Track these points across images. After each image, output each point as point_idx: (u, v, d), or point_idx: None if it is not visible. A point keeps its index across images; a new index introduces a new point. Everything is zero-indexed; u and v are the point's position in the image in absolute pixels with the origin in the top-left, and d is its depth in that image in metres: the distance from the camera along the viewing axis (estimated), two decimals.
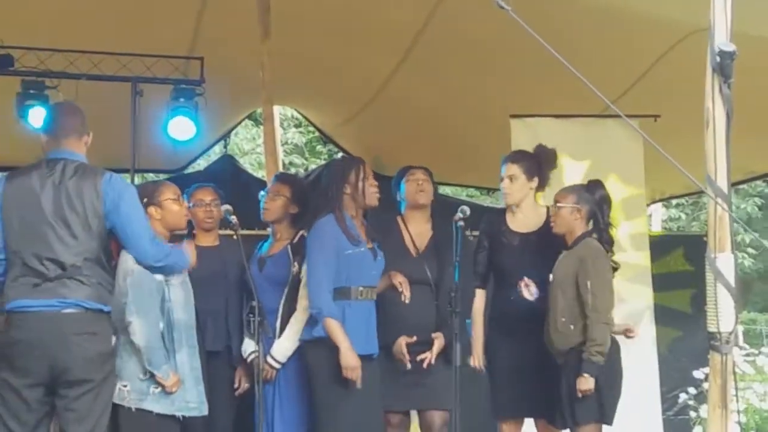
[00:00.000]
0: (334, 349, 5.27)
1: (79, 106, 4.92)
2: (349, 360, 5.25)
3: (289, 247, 5.76)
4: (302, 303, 5.58)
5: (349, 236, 5.43)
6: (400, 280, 5.57)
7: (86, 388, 4.58)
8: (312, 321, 5.42)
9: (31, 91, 7.94)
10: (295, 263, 5.67)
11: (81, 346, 4.55)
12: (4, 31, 7.72)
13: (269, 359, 5.57)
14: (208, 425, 5.52)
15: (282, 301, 5.68)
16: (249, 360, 5.70)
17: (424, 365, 5.59)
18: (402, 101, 8.75)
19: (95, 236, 4.64)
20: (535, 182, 5.84)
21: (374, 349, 5.47)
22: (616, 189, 6.98)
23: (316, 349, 5.37)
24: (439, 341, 5.61)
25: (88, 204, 4.63)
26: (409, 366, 5.55)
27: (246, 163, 14.99)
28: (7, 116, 8.19)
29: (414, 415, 5.94)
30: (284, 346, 5.61)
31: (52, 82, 7.93)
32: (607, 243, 5.61)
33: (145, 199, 5.29)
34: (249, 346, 5.70)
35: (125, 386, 5.06)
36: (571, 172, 7.12)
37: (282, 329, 5.65)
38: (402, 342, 5.58)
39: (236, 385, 5.83)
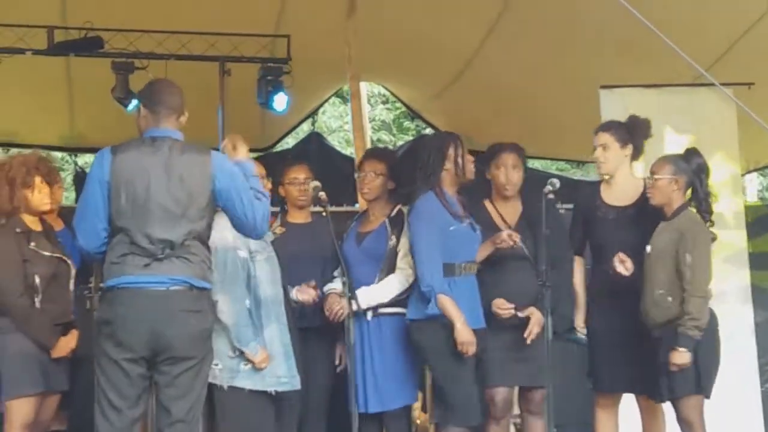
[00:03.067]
0: (446, 326, 5.29)
1: (178, 85, 4.85)
2: (465, 335, 5.27)
3: (387, 221, 5.74)
4: (399, 269, 5.58)
5: (451, 212, 5.43)
6: (503, 237, 5.48)
7: (188, 365, 4.56)
8: (421, 300, 5.39)
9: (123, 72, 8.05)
10: (393, 236, 5.66)
11: (187, 323, 4.53)
12: (93, 14, 7.84)
13: (352, 300, 5.50)
14: (304, 400, 5.55)
15: (378, 275, 5.66)
16: (326, 293, 5.68)
17: (528, 341, 5.52)
18: (489, 75, 8.69)
19: (203, 215, 4.60)
20: (629, 149, 5.73)
21: (480, 323, 5.45)
22: (723, 166, 6.86)
23: (428, 327, 5.37)
24: (534, 317, 5.55)
25: (197, 183, 4.58)
26: (511, 313, 5.48)
27: (334, 141, 15.00)
28: (101, 97, 8.33)
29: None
30: (370, 295, 5.58)
31: (141, 63, 8.03)
32: (706, 212, 5.50)
33: None
34: (331, 285, 5.70)
35: (216, 365, 5.09)
36: (670, 145, 6.99)
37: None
38: (500, 302, 5.51)
39: (337, 362, 5.85)
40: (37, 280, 5.36)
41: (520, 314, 5.53)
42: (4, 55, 7.88)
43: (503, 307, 5.52)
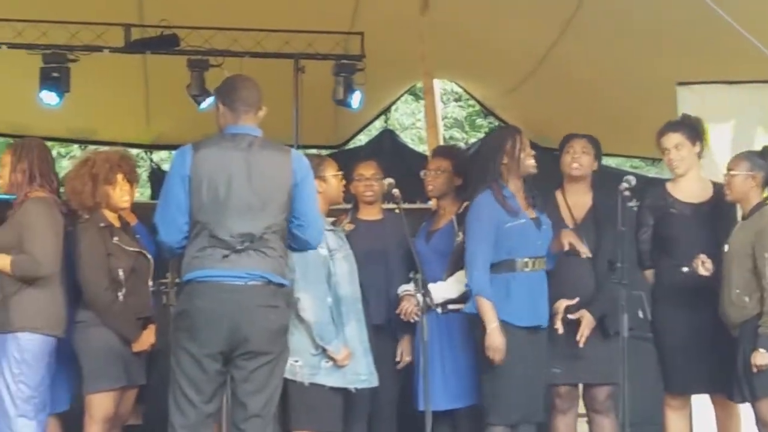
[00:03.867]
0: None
1: (254, 80, 4.88)
2: (494, 340, 5.23)
3: (454, 218, 5.74)
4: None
5: (508, 209, 5.38)
6: (569, 239, 5.46)
7: (265, 361, 4.58)
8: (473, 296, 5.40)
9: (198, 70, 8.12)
10: (460, 233, 5.64)
11: (265, 319, 4.55)
12: (169, 12, 7.92)
13: (425, 297, 5.47)
14: (375, 397, 5.56)
15: (446, 272, 5.65)
16: (400, 295, 5.69)
17: (580, 344, 5.49)
18: (564, 71, 8.62)
19: (282, 210, 4.63)
20: (698, 147, 5.69)
21: (541, 321, 5.41)
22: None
23: (477, 323, 5.34)
24: (585, 320, 5.50)
25: (277, 179, 4.62)
26: (560, 330, 5.46)
27: (406, 138, 15.00)
28: (176, 95, 8.41)
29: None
30: (442, 289, 5.58)
31: (216, 60, 8.10)
32: None
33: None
34: (405, 286, 5.69)
35: (297, 361, 5.12)
36: (750, 142, 6.87)
37: (445, 299, 5.63)
38: (560, 305, 5.47)
39: (398, 359, 5.84)
40: (121, 274, 5.43)
41: (570, 317, 5.50)
42: (82, 53, 8.00)
43: (558, 310, 5.49)
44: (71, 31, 7.91)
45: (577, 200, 5.76)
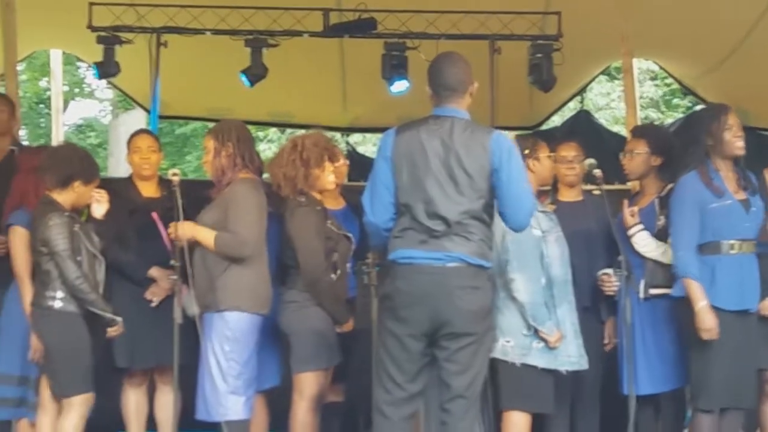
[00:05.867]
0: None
1: (460, 56, 4.81)
2: (705, 321, 5.13)
3: (656, 200, 5.65)
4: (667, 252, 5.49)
5: (713, 190, 5.27)
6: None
7: (468, 341, 4.58)
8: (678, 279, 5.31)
9: (395, 53, 8.18)
10: (662, 217, 5.55)
11: (464, 300, 4.55)
12: None
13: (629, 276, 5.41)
14: (577, 379, 5.53)
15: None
16: (600, 276, 5.65)
17: None
18: None
19: (481, 194, 4.60)
20: None
21: (749, 305, 5.29)
22: None
23: (683, 307, 5.26)
24: None
25: (475, 162, 4.59)
26: None
27: (600, 119, 14.79)
28: (372, 78, 8.50)
29: None
30: (650, 245, 5.51)
31: (413, 43, 8.15)
32: None
33: (527, 151, 5.38)
34: (607, 269, 5.64)
35: (508, 342, 5.16)
36: None
37: (647, 284, 5.55)
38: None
39: (606, 341, 5.80)
40: (335, 256, 5.53)
41: None
42: (283, 38, 8.17)
43: None
44: (272, 16, 8.10)
45: None
